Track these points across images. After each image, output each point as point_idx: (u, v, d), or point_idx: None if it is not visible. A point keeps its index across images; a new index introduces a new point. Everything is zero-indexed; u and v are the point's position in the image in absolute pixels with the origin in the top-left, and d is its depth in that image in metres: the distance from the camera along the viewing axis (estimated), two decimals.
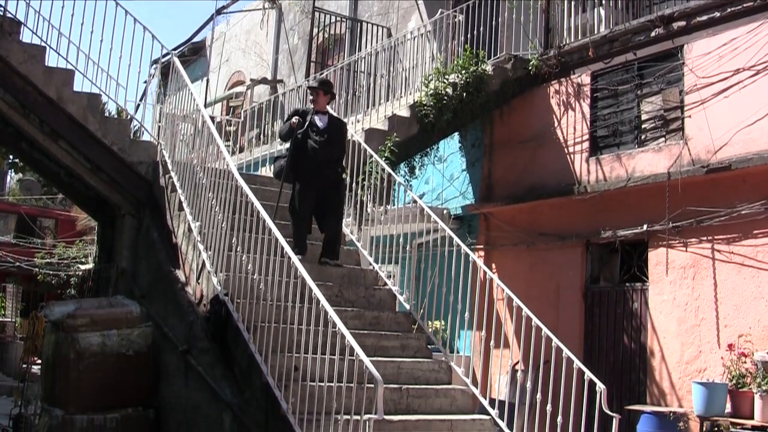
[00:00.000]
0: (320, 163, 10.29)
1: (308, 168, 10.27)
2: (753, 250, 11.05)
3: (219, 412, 8.99)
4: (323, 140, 10.35)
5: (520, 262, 13.89)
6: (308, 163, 10.27)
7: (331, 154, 10.45)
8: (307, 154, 10.29)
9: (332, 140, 10.45)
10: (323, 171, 10.34)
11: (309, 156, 10.28)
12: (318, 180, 10.30)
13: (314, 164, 10.27)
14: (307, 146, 10.30)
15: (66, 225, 33.95)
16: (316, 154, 10.29)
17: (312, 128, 10.38)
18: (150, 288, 11.24)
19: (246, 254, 8.96)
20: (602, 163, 13.00)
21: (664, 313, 11.92)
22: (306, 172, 10.28)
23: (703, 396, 10.37)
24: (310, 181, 10.26)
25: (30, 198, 36.84)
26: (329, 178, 10.41)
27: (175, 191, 11.08)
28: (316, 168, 10.28)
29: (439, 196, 15.68)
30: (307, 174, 10.27)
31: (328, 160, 10.41)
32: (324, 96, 10.69)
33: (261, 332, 8.44)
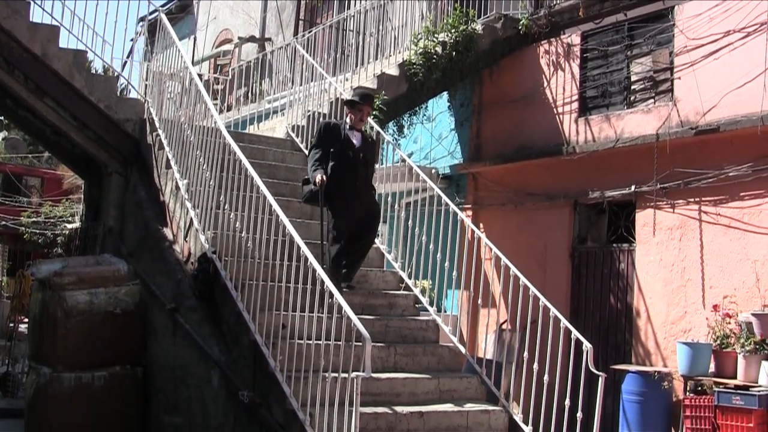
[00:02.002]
0: (358, 188, 9.31)
1: (345, 193, 9.20)
2: (739, 212, 11.08)
3: (207, 370, 9.01)
4: (361, 160, 9.41)
5: (507, 222, 13.90)
6: (345, 187, 9.19)
7: (369, 175, 9.65)
8: (345, 175, 9.22)
9: (368, 161, 9.60)
10: (362, 196, 9.37)
11: (346, 179, 9.21)
12: (357, 207, 9.26)
13: (352, 189, 9.24)
14: (344, 168, 9.23)
15: (52, 184, 33.81)
16: (355, 175, 9.31)
17: (348, 146, 9.34)
18: (137, 246, 11.22)
19: (234, 212, 8.94)
20: (591, 124, 12.99)
21: (651, 274, 11.97)
22: (343, 198, 9.20)
23: (687, 356, 10.46)
24: (349, 207, 9.20)
25: (15, 156, 36.64)
26: (368, 202, 9.48)
27: (162, 149, 11.02)
28: (354, 192, 9.26)
29: (428, 155, 15.65)
30: (344, 200, 9.20)
31: (366, 184, 9.54)
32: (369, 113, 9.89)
33: (249, 290, 8.44)
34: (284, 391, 7.63)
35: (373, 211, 9.55)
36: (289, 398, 7.55)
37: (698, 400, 10.17)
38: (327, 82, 12.44)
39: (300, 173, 11.57)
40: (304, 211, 10.55)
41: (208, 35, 24.93)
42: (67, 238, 27.78)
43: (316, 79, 12.69)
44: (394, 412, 7.86)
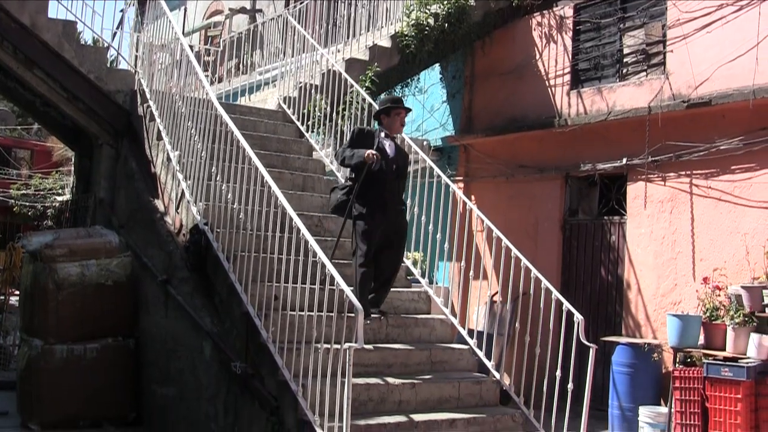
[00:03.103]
0: (387, 201, 8.66)
1: (375, 205, 8.57)
2: (730, 185, 11.11)
3: (199, 342, 9.03)
4: (394, 172, 8.76)
5: (499, 194, 13.92)
6: (375, 198, 8.57)
7: (400, 190, 8.95)
8: (375, 187, 8.56)
9: (401, 173, 8.92)
10: (390, 210, 8.69)
11: (377, 190, 8.57)
12: (385, 220, 8.62)
13: (381, 201, 8.60)
14: (375, 178, 8.57)
15: (42, 156, 33.65)
16: (385, 187, 8.66)
17: (381, 156, 8.63)
18: (129, 218, 11.21)
19: (226, 183, 8.92)
20: (583, 97, 12.99)
21: (641, 247, 12.01)
22: (372, 209, 8.56)
23: (677, 328, 10.50)
24: (377, 220, 8.56)
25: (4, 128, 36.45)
26: (397, 219, 8.79)
27: (153, 120, 11.00)
28: (383, 205, 8.62)
29: (419, 127, 15.64)
30: (373, 212, 8.56)
31: (396, 197, 8.86)
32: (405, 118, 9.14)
33: (241, 261, 8.44)
34: (277, 362, 7.64)
35: (400, 230, 8.82)
36: (282, 369, 7.56)
37: (687, 372, 10.22)
38: (318, 53, 12.39)
39: (292, 145, 11.59)
40: (296, 183, 10.56)
41: (198, 6, 24.79)
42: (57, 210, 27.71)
43: (308, 50, 12.64)
44: (386, 383, 7.89)
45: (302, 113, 12.06)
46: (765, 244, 10.51)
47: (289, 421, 7.49)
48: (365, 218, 8.52)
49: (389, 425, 7.44)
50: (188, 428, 9.16)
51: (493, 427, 8.01)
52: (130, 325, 10.49)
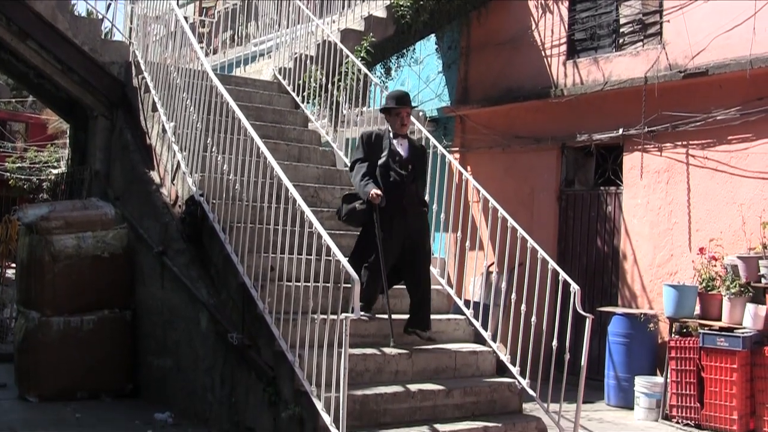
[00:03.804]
0: (405, 204, 8.19)
1: (391, 210, 8.06)
2: (727, 155, 11.11)
3: (195, 313, 9.04)
4: (409, 174, 8.27)
5: (495, 165, 13.89)
6: (391, 203, 8.05)
7: (418, 192, 8.48)
8: (390, 191, 8.08)
9: (417, 174, 8.43)
10: (409, 214, 8.22)
11: (392, 195, 8.08)
12: (403, 225, 8.16)
13: (398, 205, 8.11)
14: (390, 182, 8.14)
15: (37, 129, 33.50)
16: (402, 192, 8.17)
17: (393, 158, 8.24)
18: (124, 190, 11.19)
19: (221, 155, 8.90)
20: (579, 67, 12.95)
21: (638, 217, 12.02)
22: (388, 215, 8.05)
23: (673, 298, 10.54)
24: (394, 226, 8.08)
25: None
26: (415, 224, 8.29)
27: (148, 92, 10.96)
28: (401, 209, 8.15)
29: (415, 98, 15.55)
30: (389, 218, 8.06)
31: (414, 201, 8.36)
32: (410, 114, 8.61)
33: (237, 233, 8.43)
34: (273, 332, 7.65)
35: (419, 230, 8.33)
36: (278, 340, 7.57)
37: (683, 342, 10.28)
38: (314, 24, 12.33)
39: (287, 116, 11.56)
40: (291, 154, 10.54)
41: None
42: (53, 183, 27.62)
43: (303, 21, 12.57)
44: (383, 353, 7.90)
45: (297, 84, 12.01)
46: (761, 215, 10.53)
47: (285, 391, 7.51)
48: (381, 224, 7.96)
49: (386, 395, 7.45)
50: (185, 399, 9.19)
51: (490, 397, 8.04)
52: (127, 297, 10.49)
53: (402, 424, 7.34)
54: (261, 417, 7.80)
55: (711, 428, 9.86)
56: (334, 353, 6.85)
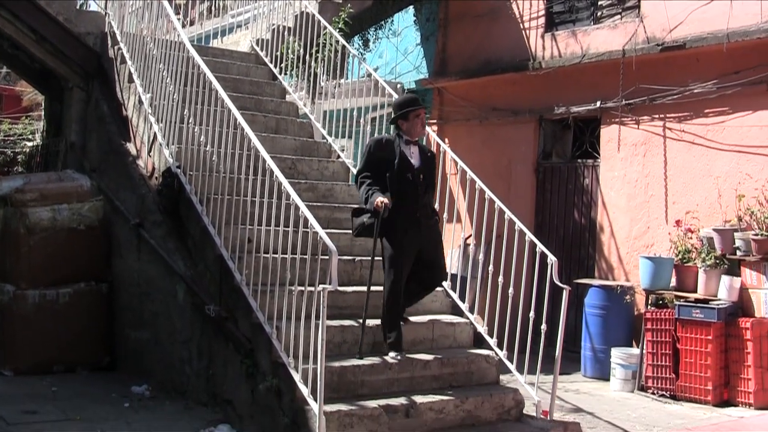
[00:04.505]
0: (419, 218, 7.78)
1: (405, 222, 7.68)
2: (703, 128, 11.15)
3: (173, 285, 9.02)
4: (421, 184, 7.85)
5: (473, 137, 13.88)
6: (405, 215, 7.67)
7: (430, 201, 8.12)
8: (402, 203, 7.65)
9: (429, 183, 8.03)
10: (423, 226, 7.82)
11: (405, 206, 7.67)
12: (418, 238, 7.76)
13: (412, 217, 7.73)
14: (402, 192, 7.69)
15: (11, 101, 33.16)
16: (416, 203, 7.76)
17: (406, 167, 7.77)
18: (100, 162, 11.11)
19: (198, 126, 8.85)
20: (557, 39, 12.94)
21: (615, 189, 12.05)
22: (402, 227, 7.67)
23: (649, 270, 10.60)
24: (408, 239, 7.71)
25: None
26: (430, 236, 7.92)
27: (124, 63, 10.87)
28: (415, 225, 7.74)
29: (393, 70, 15.55)
30: (403, 230, 7.68)
31: (428, 212, 7.98)
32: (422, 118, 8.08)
33: (214, 204, 8.40)
34: (250, 304, 7.65)
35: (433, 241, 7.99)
36: (256, 312, 7.57)
37: (659, 314, 10.34)
38: None
39: (265, 87, 11.52)
40: (269, 126, 10.50)
41: None
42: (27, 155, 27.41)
43: None
44: (360, 325, 7.91)
45: (275, 56, 11.95)
46: (737, 188, 10.58)
47: (263, 363, 7.51)
48: (394, 240, 7.67)
49: (363, 367, 7.46)
50: (162, 372, 9.18)
51: (467, 369, 8.06)
52: (103, 270, 10.44)
53: (380, 396, 7.34)
54: (238, 389, 7.80)
55: (686, 399, 9.95)
56: (311, 325, 6.85)
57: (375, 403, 7.13)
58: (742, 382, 9.78)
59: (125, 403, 8.52)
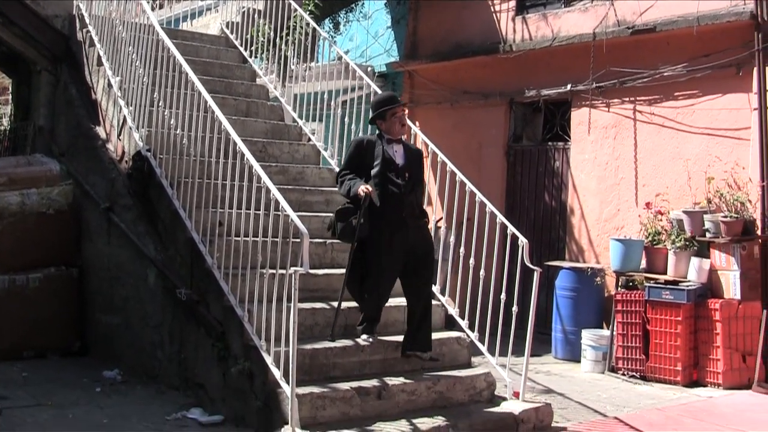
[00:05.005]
0: (405, 216, 7.62)
1: (390, 224, 7.53)
2: (673, 111, 11.21)
3: (143, 269, 8.99)
4: (407, 183, 7.69)
5: (443, 120, 13.88)
6: (390, 216, 7.52)
7: (417, 201, 7.87)
8: (387, 204, 7.53)
9: (416, 181, 7.86)
10: (410, 227, 7.65)
11: (390, 207, 7.53)
12: (404, 240, 7.58)
13: (397, 217, 7.57)
14: (387, 193, 7.56)
15: None
16: (401, 204, 7.59)
17: (389, 167, 7.64)
18: (69, 145, 11.02)
19: (168, 109, 8.81)
20: (528, 22, 12.93)
21: (585, 172, 12.10)
22: (387, 229, 7.53)
23: (619, 252, 10.66)
24: (395, 241, 7.54)
25: None
26: (417, 237, 7.72)
27: (93, 46, 10.79)
28: (400, 226, 7.58)
29: (364, 53, 15.50)
30: (389, 233, 7.53)
31: (415, 212, 7.78)
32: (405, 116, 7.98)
33: (185, 188, 8.38)
34: (222, 288, 7.65)
35: (424, 250, 7.78)
36: (227, 295, 7.57)
37: (629, 295, 10.40)
38: None
39: (235, 70, 11.49)
40: (239, 109, 10.48)
41: None
42: None
43: None
44: (332, 308, 7.90)
45: (245, 38, 11.92)
46: (706, 170, 10.64)
47: (235, 346, 7.51)
48: (378, 244, 7.51)
49: (335, 349, 7.48)
50: (134, 356, 9.15)
51: (439, 351, 8.07)
52: (73, 254, 10.38)
53: (352, 378, 7.38)
54: (210, 372, 7.79)
55: (656, 379, 10.02)
56: (283, 308, 6.86)
57: (347, 385, 7.17)
58: (711, 362, 9.86)
59: (97, 387, 8.50)
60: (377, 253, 7.54)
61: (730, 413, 8.73)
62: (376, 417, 7.12)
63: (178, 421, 7.44)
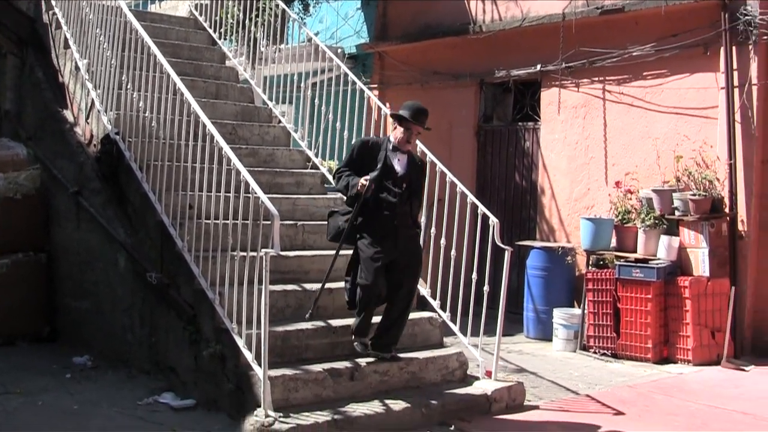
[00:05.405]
0: (397, 227, 7.45)
1: (381, 230, 7.40)
2: (642, 91, 11.26)
3: (113, 253, 8.93)
4: (403, 192, 7.49)
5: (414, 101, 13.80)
6: (381, 223, 7.40)
7: (412, 212, 7.64)
8: (380, 211, 7.41)
9: (413, 191, 7.62)
10: (400, 236, 7.48)
11: (382, 214, 7.41)
12: (393, 247, 7.41)
13: (390, 226, 7.42)
14: (381, 200, 7.41)
15: None
16: (394, 212, 7.43)
17: (387, 174, 7.46)
18: (37, 129, 10.90)
19: (137, 92, 8.75)
20: (497, 3, 12.92)
21: (555, 152, 12.13)
22: (378, 235, 7.39)
23: (590, 231, 10.72)
24: (384, 248, 7.36)
25: None
26: (407, 246, 7.53)
27: (60, 28, 10.69)
28: (391, 233, 7.43)
29: (333, 35, 15.43)
30: (379, 238, 7.37)
31: (407, 222, 7.59)
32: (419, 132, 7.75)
33: (154, 171, 8.34)
34: (193, 271, 7.62)
35: (412, 260, 7.60)
36: (198, 278, 7.54)
37: (600, 274, 10.46)
38: None
39: (204, 53, 11.43)
40: (209, 91, 10.42)
41: None
42: None
43: None
44: (304, 289, 7.92)
45: (214, 21, 11.85)
46: (675, 149, 10.71)
47: (206, 329, 7.49)
48: (372, 245, 7.35)
49: (307, 331, 7.48)
50: (104, 341, 9.10)
51: (411, 331, 8.09)
52: (42, 239, 10.26)
53: (324, 359, 7.38)
54: (182, 356, 7.77)
55: (627, 357, 10.09)
56: (254, 290, 6.84)
57: (320, 367, 7.18)
58: (681, 339, 9.95)
59: (67, 374, 8.44)
60: (366, 253, 7.36)
61: (700, 389, 8.82)
62: (349, 398, 7.14)
63: (149, 406, 7.41)
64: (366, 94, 9.86)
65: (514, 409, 7.79)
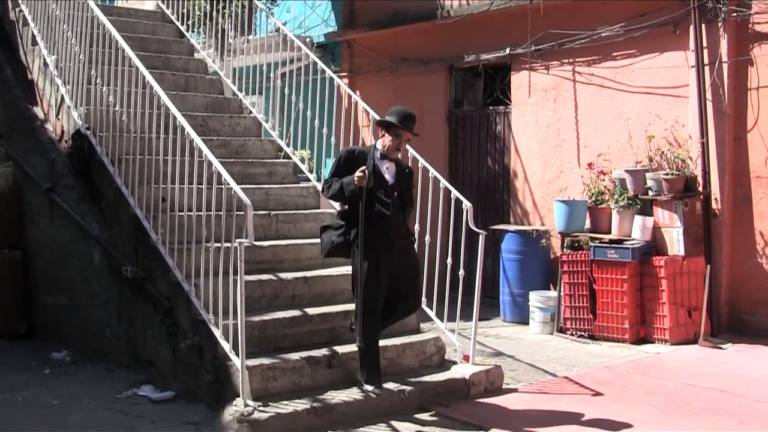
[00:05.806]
0: (392, 239, 7.24)
1: (376, 244, 7.16)
2: (612, 71, 11.30)
3: (88, 248, 8.91)
4: (395, 202, 7.31)
5: (384, 88, 13.84)
6: (376, 234, 7.16)
7: (405, 223, 7.51)
8: (373, 221, 7.17)
9: (405, 201, 7.47)
10: (395, 247, 7.29)
11: (376, 224, 7.17)
12: (389, 261, 7.22)
13: (385, 236, 7.21)
14: (373, 211, 7.17)
15: None
16: (388, 224, 7.22)
17: (378, 184, 7.21)
18: (7, 127, 10.83)
19: (106, 87, 8.72)
20: None
21: (527, 135, 12.18)
22: (373, 249, 7.16)
23: (564, 213, 10.77)
24: (381, 262, 7.17)
25: None
26: (404, 260, 7.37)
27: (27, 25, 10.64)
28: (389, 241, 7.23)
29: (301, 24, 15.40)
30: (375, 253, 7.15)
31: (402, 233, 7.41)
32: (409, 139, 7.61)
33: (126, 165, 8.32)
34: (168, 263, 7.62)
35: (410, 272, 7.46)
36: (173, 270, 7.55)
37: (575, 256, 10.51)
38: None
39: (172, 45, 11.40)
40: (178, 84, 10.40)
41: None
42: None
43: None
44: (279, 279, 7.93)
45: (181, 13, 11.81)
46: (647, 129, 10.77)
47: (183, 321, 7.50)
48: (368, 260, 7.14)
49: (284, 320, 7.50)
50: (82, 336, 9.08)
51: None
52: (16, 237, 10.22)
53: (301, 348, 7.42)
54: (160, 349, 7.78)
55: (604, 338, 10.14)
56: (230, 280, 6.84)
57: (297, 355, 7.20)
58: (658, 319, 10.01)
59: (46, 370, 8.44)
60: (363, 268, 7.16)
61: (678, 368, 8.88)
62: (327, 386, 7.17)
63: (129, 399, 7.43)
64: (336, 82, 9.86)
65: (492, 393, 7.82)
